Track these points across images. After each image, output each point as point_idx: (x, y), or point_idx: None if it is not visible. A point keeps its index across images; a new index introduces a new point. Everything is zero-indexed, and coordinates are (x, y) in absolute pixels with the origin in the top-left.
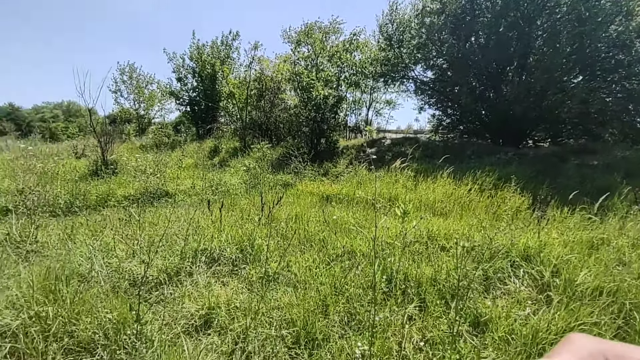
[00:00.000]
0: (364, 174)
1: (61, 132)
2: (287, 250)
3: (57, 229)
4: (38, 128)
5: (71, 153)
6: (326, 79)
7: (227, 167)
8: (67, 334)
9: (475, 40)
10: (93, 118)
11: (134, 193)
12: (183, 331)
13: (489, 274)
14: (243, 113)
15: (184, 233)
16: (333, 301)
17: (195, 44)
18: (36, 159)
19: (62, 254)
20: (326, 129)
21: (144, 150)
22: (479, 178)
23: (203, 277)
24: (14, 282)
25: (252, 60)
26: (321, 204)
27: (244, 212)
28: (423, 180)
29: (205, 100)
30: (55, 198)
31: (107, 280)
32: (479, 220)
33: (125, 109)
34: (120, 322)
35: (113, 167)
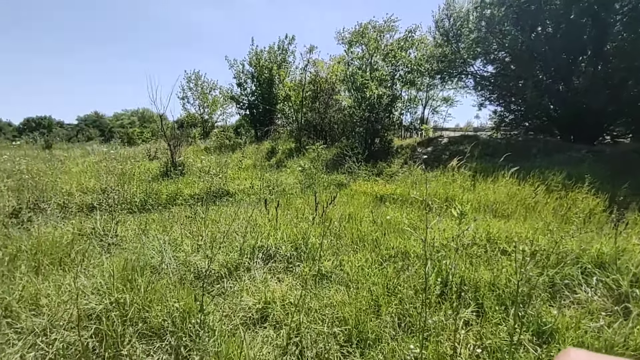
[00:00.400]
0: (419, 174)
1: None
2: (340, 249)
3: (133, 225)
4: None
5: (145, 155)
6: (380, 78)
7: (283, 167)
8: (141, 319)
9: (541, 30)
10: (163, 123)
11: (199, 192)
12: (241, 323)
13: (555, 281)
14: (298, 115)
15: (243, 230)
16: (385, 302)
17: (254, 50)
18: (116, 162)
19: (137, 247)
20: (380, 128)
21: (207, 152)
22: (546, 177)
23: (260, 273)
24: (98, 270)
25: (307, 63)
26: (375, 204)
27: (299, 211)
28: (482, 180)
29: (263, 103)
30: (132, 196)
31: (175, 272)
32: (546, 223)
33: (192, 114)
34: (186, 311)
35: (181, 168)
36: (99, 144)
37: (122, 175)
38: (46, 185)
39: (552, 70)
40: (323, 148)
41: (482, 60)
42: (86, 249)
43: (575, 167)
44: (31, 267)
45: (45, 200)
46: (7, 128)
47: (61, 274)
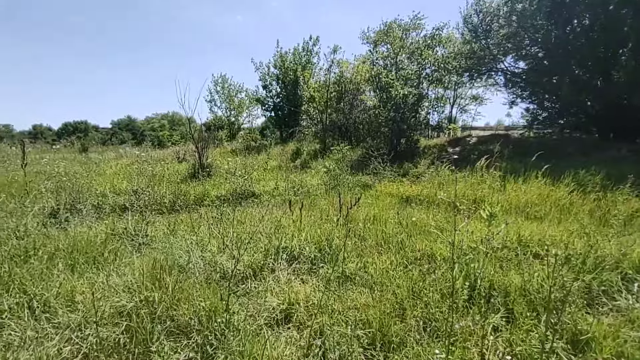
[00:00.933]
0: (447, 175)
1: (167, 139)
2: (364, 251)
3: (162, 225)
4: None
5: (174, 158)
6: (406, 77)
7: (308, 168)
8: (169, 317)
9: (577, 23)
10: (192, 126)
11: (225, 193)
12: (265, 323)
13: (592, 287)
14: (323, 116)
15: (268, 232)
16: (410, 305)
17: (279, 52)
18: (147, 164)
19: (166, 247)
20: (406, 128)
21: (234, 154)
22: (583, 178)
23: (284, 274)
24: (129, 269)
25: (332, 64)
26: (400, 206)
27: (323, 213)
28: (513, 181)
29: (287, 105)
30: (162, 198)
31: (202, 272)
32: (582, 225)
33: (219, 116)
34: (212, 310)
35: (208, 170)
36: (131, 146)
37: (152, 177)
38: (82, 187)
39: (590, 65)
40: (348, 149)
41: (513, 56)
42: (118, 248)
43: (615, 166)
44: (68, 265)
45: (81, 201)
46: (47, 133)
47: (95, 272)
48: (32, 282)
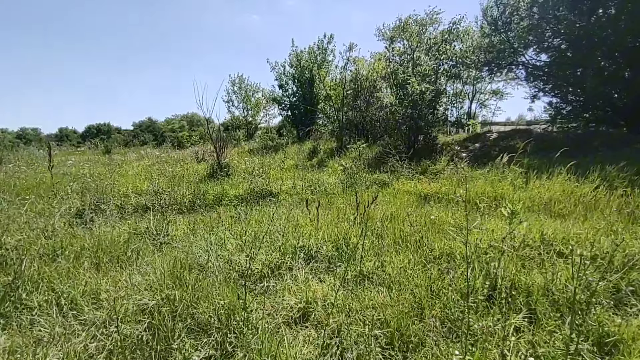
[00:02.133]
0: (466, 171)
1: (186, 140)
2: (381, 249)
3: (182, 224)
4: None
5: (193, 158)
6: (423, 74)
7: (325, 167)
8: (189, 315)
9: (602, 12)
10: (210, 126)
11: (243, 193)
12: (283, 322)
13: (620, 287)
14: (340, 114)
15: (285, 230)
16: (429, 304)
17: (294, 52)
18: (167, 164)
19: (186, 246)
20: (424, 125)
21: (251, 153)
22: (610, 173)
23: (301, 273)
24: (150, 268)
25: (347, 61)
26: (418, 203)
27: (340, 211)
28: (536, 177)
29: (304, 104)
30: (182, 197)
31: (221, 270)
32: (609, 222)
33: (236, 116)
34: (231, 308)
35: (226, 169)
36: (152, 147)
37: (172, 177)
38: (106, 188)
39: (617, 56)
40: (365, 147)
41: (535, 48)
42: (140, 247)
43: None
44: (93, 263)
45: (105, 201)
46: (73, 135)
47: (118, 270)
48: (60, 280)
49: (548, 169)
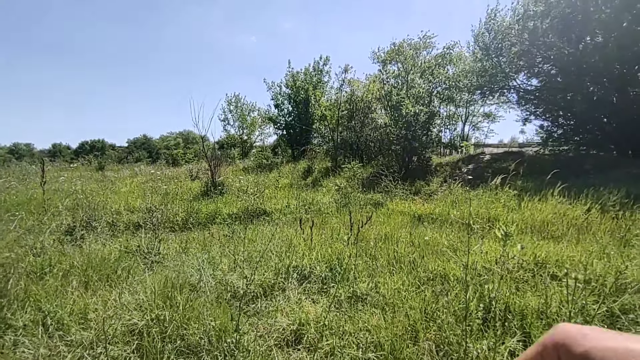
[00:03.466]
0: (460, 193)
1: (180, 158)
2: (375, 270)
3: (174, 243)
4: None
5: (188, 176)
6: (417, 96)
7: (319, 186)
8: (179, 336)
9: (590, 40)
10: (205, 144)
11: (237, 211)
12: (275, 344)
13: (614, 311)
14: (334, 134)
15: (278, 250)
16: (423, 327)
17: (291, 72)
18: (161, 182)
19: (178, 265)
20: (417, 146)
21: (246, 172)
22: (601, 196)
23: (294, 293)
24: (141, 287)
25: (343, 83)
26: (412, 224)
27: (334, 231)
28: (529, 199)
29: (299, 123)
30: (174, 215)
31: (213, 290)
32: (601, 245)
33: (231, 135)
34: (222, 330)
35: (220, 188)
36: (146, 164)
37: (165, 195)
38: (98, 205)
39: (605, 81)
40: (359, 167)
41: (526, 73)
42: (131, 265)
43: (634, 184)
44: (82, 282)
45: (96, 218)
46: (66, 151)
47: (108, 289)
48: (47, 299)
49: (540, 191)
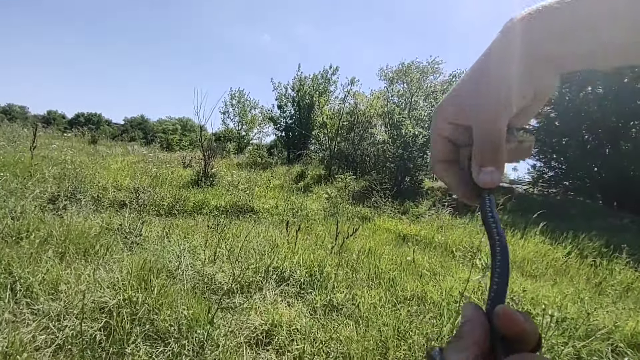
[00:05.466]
0: (447, 219)
1: (176, 144)
2: (354, 283)
3: (158, 227)
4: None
5: (180, 162)
6: (418, 118)
7: (310, 192)
8: (149, 321)
9: (591, 90)
10: (202, 134)
11: (225, 205)
12: (245, 342)
13: (581, 355)
14: (332, 143)
15: (261, 249)
16: (394, 345)
17: (299, 76)
18: (152, 164)
19: (158, 250)
20: (412, 167)
21: (239, 167)
22: (582, 241)
23: (271, 294)
24: (117, 266)
25: (347, 94)
26: (396, 242)
27: (319, 238)
28: (512, 235)
29: (299, 127)
30: (161, 200)
31: (190, 279)
32: (577, 289)
33: (230, 129)
34: (194, 320)
35: (212, 179)
36: (140, 145)
37: (155, 178)
38: (85, 178)
39: (600, 132)
40: (352, 179)
41: None
42: (110, 243)
43: (615, 235)
44: (58, 252)
45: (81, 191)
46: (60, 120)
47: (83, 263)
48: (20, 265)
49: (525, 228)
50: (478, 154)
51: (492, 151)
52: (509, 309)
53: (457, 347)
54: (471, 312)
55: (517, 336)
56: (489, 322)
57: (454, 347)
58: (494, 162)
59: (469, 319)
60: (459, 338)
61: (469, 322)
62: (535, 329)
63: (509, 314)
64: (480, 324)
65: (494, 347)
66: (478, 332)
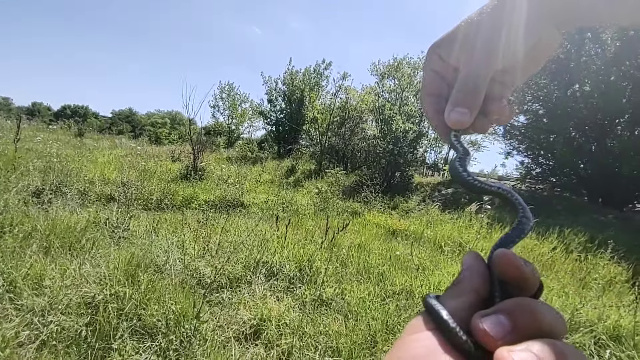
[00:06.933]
0: (436, 214)
1: (164, 137)
2: (344, 277)
3: (145, 221)
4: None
5: (169, 156)
6: (409, 114)
7: (300, 187)
8: (136, 316)
9: (579, 87)
10: (191, 128)
11: (214, 199)
12: (234, 336)
13: None
14: (323, 138)
15: (250, 243)
16: (383, 339)
17: (290, 70)
18: (141, 158)
19: (146, 244)
20: (402, 162)
21: (229, 161)
22: (567, 237)
23: (260, 289)
24: (104, 261)
25: (339, 89)
26: (386, 237)
27: (309, 233)
28: (500, 229)
29: (290, 122)
30: (149, 194)
31: (178, 274)
32: (562, 284)
33: (219, 122)
34: (182, 315)
35: (201, 173)
36: (128, 138)
37: (143, 171)
38: (71, 171)
39: (587, 129)
40: (342, 174)
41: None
42: (97, 237)
43: (599, 230)
44: (42, 247)
45: (67, 185)
46: (46, 112)
47: (69, 258)
48: (2, 259)
49: (511, 223)
50: (455, 92)
51: (470, 93)
52: (508, 252)
53: (453, 293)
54: (471, 260)
55: (516, 281)
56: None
57: (450, 293)
58: (468, 104)
59: (468, 267)
60: (456, 284)
61: (468, 269)
62: (536, 275)
63: (508, 257)
64: (478, 272)
65: (492, 295)
66: (476, 279)
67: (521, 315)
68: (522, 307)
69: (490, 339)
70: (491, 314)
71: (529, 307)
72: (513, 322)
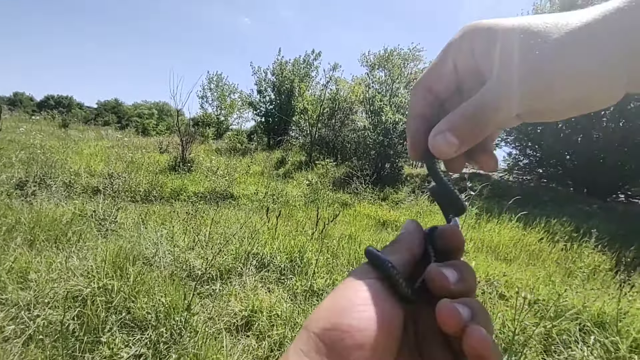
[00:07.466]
0: (425, 205)
1: (152, 128)
2: (335, 268)
3: (133, 213)
4: (134, 122)
5: (157, 147)
6: (399, 105)
7: (290, 178)
8: (125, 309)
9: None
10: (179, 119)
11: (203, 191)
12: (225, 328)
13: (551, 334)
14: (313, 129)
15: (241, 235)
16: None
17: (279, 61)
18: (127, 149)
19: (134, 237)
20: (392, 154)
21: (218, 153)
22: (553, 227)
23: (251, 280)
24: (91, 254)
25: (329, 80)
26: (376, 228)
27: (299, 224)
28: (488, 221)
29: (279, 113)
30: (137, 186)
31: (168, 266)
32: (548, 273)
33: (208, 114)
34: (172, 307)
35: (189, 164)
36: (115, 129)
37: (130, 163)
38: (56, 163)
39: (573, 121)
40: (333, 165)
41: None
42: (83, 230)
43: (584, 220)
44: (27, 240)
45: (52, 176)
46: (28, 102)
47: (55, 251)
48: None
49: (500, 214)
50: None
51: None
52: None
53: (392, 250)
54: (412, 226)
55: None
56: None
57: (389, 250)
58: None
59: (408, 230)
60: (394, 243)
61: (407, 232)
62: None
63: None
64: (415, 235)
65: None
66: (413, 240)
67: (466, 271)
68: (467, 266)
69: (448, 282)
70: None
71: (470, 268)
72: (461, 274)
